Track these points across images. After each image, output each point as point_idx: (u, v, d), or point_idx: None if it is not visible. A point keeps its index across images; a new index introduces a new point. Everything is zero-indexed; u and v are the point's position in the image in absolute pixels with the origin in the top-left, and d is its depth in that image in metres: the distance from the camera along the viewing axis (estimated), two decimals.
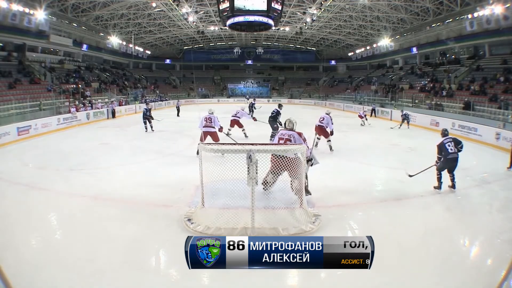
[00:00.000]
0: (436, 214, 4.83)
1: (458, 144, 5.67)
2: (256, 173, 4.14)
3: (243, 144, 4.39)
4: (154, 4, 24.78)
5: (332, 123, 9.12)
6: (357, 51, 36.29)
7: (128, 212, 4.82)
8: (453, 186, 5.74)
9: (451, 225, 4.50)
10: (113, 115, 19.48)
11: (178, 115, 20.29)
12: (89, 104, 19.41)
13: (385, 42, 29.95)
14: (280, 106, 10.72)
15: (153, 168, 7.47)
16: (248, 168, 4.19)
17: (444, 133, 5.91)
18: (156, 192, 5.57)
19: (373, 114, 20.40)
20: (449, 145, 5.61)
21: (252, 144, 4.33)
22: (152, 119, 12.94)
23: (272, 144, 7.10)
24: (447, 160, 5.56)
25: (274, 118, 10.19)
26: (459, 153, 5.62)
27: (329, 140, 9.02)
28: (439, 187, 5.71)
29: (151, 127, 12.90)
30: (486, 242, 4.06)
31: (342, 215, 4.69)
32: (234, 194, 4.88)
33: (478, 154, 9.13)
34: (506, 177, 6.99)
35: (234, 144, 4.76)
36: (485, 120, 13.36)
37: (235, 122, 10.77)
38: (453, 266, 3.42)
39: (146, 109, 13.18)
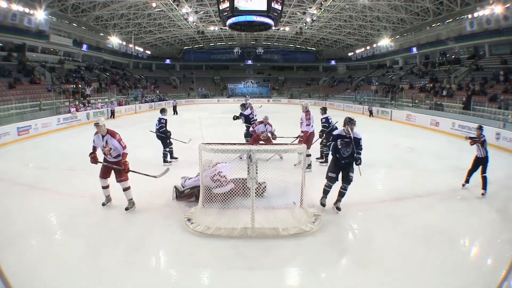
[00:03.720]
0: (436, 214, 4.83)
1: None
2: (256, 173, 4.14)
3: (243, 144, 4.39)
4: (154, 4, 24.77)
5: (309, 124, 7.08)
6: (357, 51, 36.31)
7: (129, 212, 4.81)
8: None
9: (451, 225, 4.49)
10: (113, 116, 19.32)
11: (175, 113, 21.64)
12: (89, 104, 19.38)
13: (385, 42, 29.95)
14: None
15: (153, 168, 7.43)
16: (248, 168, 4.20)
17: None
18: (156, 192, 5.56)
19: (370, 114, 20.82)
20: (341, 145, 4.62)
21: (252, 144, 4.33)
22: None
23: (271, 144, 7.10)
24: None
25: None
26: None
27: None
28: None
29: None
30: (486, 242, 4.06)
31: (342, 215, 4.69)
32: (234, 194, 4.89)
33: None
34: (506, 177, 6.99)
35: (235, 144, 4.75)
36: (485, 120, 13.33)
37: None
38: (453, 266, 3.42)
39: None
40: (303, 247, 3.80)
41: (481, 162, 5.68)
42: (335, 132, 4.84)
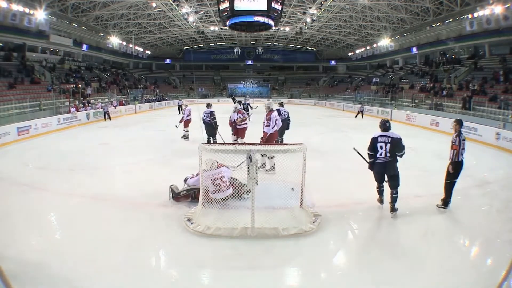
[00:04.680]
0: (436, 214, 4.82)
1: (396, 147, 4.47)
2: (256, 173, 4.14)
3: (243, 144, 4.39)
4: (154, 4, 24.79)
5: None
6: (357, 51, 36.33)
7: (128, 212, 4.81)
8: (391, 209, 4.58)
9: (451, 225, 4.50)
10: (109, 117, 17.91)
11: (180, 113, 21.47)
12: (89, 104, 19.34)
13: (385, 42, 29.97)
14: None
15: (153, 168, 7.46)
16: (248, 168, 4.20)
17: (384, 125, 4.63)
18: (156, 192, 5.56)
19: (360, 115, 19.83)
20: (381, 147, 4.49)
21: (252, 144, 4.33)
22: None
23: (273, 144, 7.11)
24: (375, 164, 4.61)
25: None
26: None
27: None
28: (380, 200, 4.88)
29: None
30: (486, 242, 4.05)
31: (342, 215, 4.69)
32: (234, 195, 4.90)
33: (478, 154, 9.13)
34: (506, 177, 6.99)
35: (234, 144, 4.77)
36: (485, 120, 13.34)
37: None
38: (453, 266, 3.41)
39: None
40: (303, 247, 3.79)
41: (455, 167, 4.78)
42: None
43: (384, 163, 4.55)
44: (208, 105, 9.34)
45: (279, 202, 4.74)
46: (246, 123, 8.24)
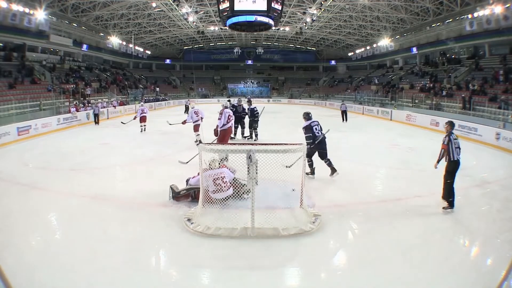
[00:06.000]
0: (436, 214, 4.82)
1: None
2: (256, 173, 4.14)
3: (243, 144, 4.39)
4: (154, 4, 24.79)
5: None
6: (357, 51, 36.32)
7: (128, 212, 4.81)
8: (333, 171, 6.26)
9: (451, 225, 4.49)
10: (97, 121, 16.05)
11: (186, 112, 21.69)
12: (89, 104, 19.30)
13: (385, 42, 29.96)
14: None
15: (153, 168, 7.47)
16: (248, 168, 4.20)
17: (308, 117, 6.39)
18: (156, 192, 5.56)
19: (344, 117, 17.23)
20: (316, 128, 6.21)
21: (252, 144, 4.33)
22: None
23: (272, 144, 7.10)
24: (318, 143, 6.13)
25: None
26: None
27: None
28: (312, 171, 6.31)
29: None
30: (486, 242, 4.05)
31: (342, 215, 4.69)
32: (234, 195, 4.89)
33: (478, 154, 9.13)
34: (506, 177, 6.99)
35: (234, 144, 4.76)
36: (485, 120, 13.33)
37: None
38: (453, 266, 3.41)
39: None
40: (303, 247, 3.79)
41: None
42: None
43: (323, 139, 6.28)
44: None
45: (279, 202, 4.75)
46: (197, 122, 10.03)
